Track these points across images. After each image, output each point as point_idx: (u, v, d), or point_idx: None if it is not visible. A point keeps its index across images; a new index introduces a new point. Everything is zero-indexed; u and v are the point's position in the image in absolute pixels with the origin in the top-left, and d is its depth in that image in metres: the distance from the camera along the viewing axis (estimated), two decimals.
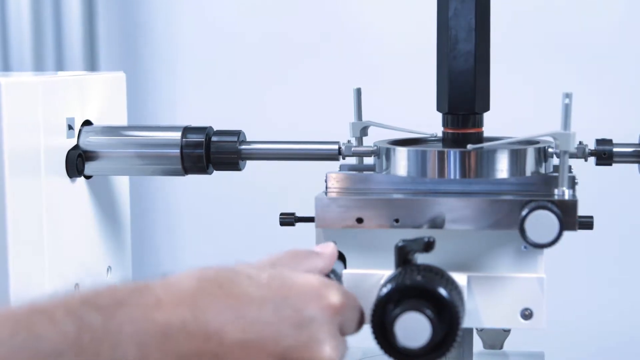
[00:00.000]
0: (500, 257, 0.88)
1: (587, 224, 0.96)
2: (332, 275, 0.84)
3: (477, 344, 1.09)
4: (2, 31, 1.99)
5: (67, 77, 1.00)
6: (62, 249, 0.97)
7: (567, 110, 0.87)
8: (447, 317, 0.78)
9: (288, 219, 0.98)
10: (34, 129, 0.93)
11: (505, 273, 0.88)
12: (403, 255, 0.82)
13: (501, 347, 1.10)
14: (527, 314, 0.87)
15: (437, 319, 0.78)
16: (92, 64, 1.97)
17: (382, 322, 0.78)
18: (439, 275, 0.81)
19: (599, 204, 1.77)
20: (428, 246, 0.83)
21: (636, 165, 0.96)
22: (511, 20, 1.82)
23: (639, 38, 1.80)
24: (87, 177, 1.02)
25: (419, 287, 0.79)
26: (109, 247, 1.08)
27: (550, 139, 0.91)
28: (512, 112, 1.68)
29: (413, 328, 0.77)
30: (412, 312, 0.77)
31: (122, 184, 1.10)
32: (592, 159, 0.97)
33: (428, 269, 0.81)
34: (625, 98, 1.80)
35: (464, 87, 0.93)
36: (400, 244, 0.82)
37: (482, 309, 0.88)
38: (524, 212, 0.84)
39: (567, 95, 0.87)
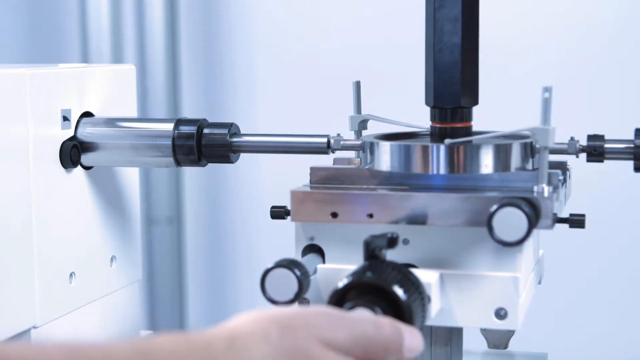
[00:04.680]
0: (477, 255, 0.86)
1: (578, 222, 0.93)
2: (298, 270, 0.83)
3: (482, 343, 1.07)
4: (82, 26, 2.03)
5: (63, 70, 1.01)
6: (54, 237, 0.99)
7: (546, 104, 0.85)
8: (402, 317, 0.77)
9: (279, 212, 0.98)
10: (21, 119, 0.94)
11: (480, 271, 0.86)
12: (369, 251, 0.81)
13: (506, 347, 1.08)
14: (501, 314, 0.85)
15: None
16: (173, 61, 2.00)
17: None
18: (402, 273, 0.80)
19: (598, 202, 1.75)
20: (392, 242, 0.82)
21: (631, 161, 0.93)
22: (507, 14, 1.79)
23: (636, 33, 1.76)
24: (87, 168, 1.04)
25: (373, 283, 0.78)
26: (114, 237, 1.09)
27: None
28: (509, 108, 1.66)
29: None
30: (362, 308, 0.76)
31: (129, 174, 1.11)
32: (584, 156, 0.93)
33: (392, 266, 0.80)
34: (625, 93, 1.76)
35: (449, 81, 0.91)
36: (366, 240, 0.81)
37: (456, 307, 0.86)
38: (492, 209, 0.81)
39: (547, 89, 0.84)
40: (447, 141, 0.88)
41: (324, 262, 0.90)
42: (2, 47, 2.16)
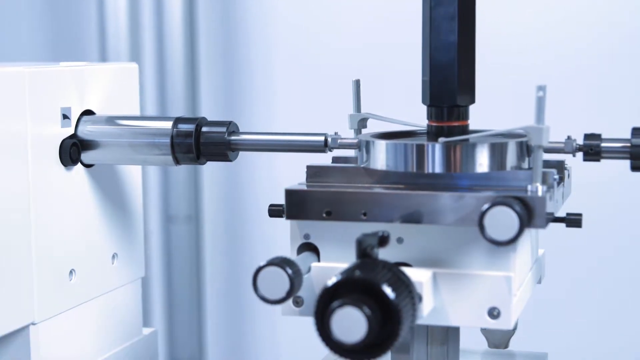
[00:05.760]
0: (471, 254, 0.86)
1: (575, 221, 0.93)
2: (289, 268, 0.83)
3: (482, 342, 1.07)
4: (101, 27, 2.04)
5: (62, 68, 1.01)
6: (54, 235, 0.99)
7: (540, 103, 0.85)
8: (390, 317, 0.77)
9: (276, 210, 0.98)
10: (20, 117, 0.95)
11: (473, 270, 0.85)
12: (361, 249, 0.81)
13: (506, 347, 1.07)
14: (494, 314, 0.85)
15: (377, 317, 0.76)
16: (192, 61, 2.00)
17: (323, 313, 0.77)
18: (392, 271, 0.80)
19: (600, 202, 1.74)
20: (382, 241, 0.82)
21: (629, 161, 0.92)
22: (505, 12, 1.79)
23: (634, 31, 1.75)
24: (88, 166, 1.04)
25: (362, 282, 0.78)
26: (115, 235, 1.09)
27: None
28: (508, 106, 1.65)
29: (349, 323, 0.76)
30: (349, 307, 0.76)
31: (132, 171, 1.12)
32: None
33: (383, 265, 0.80)
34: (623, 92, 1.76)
35: (446, 80, 0.91)
36: (358, 238, 0.81)
37: (449, 306, 0.86)
38: (483, 208, 0.81)
39: (541, 88, 0.84)
40: (441, 140, 0.88)
41: (319, 260, 0.90)
42: (22, 46, 2.17)
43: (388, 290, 0.77)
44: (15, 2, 2.15)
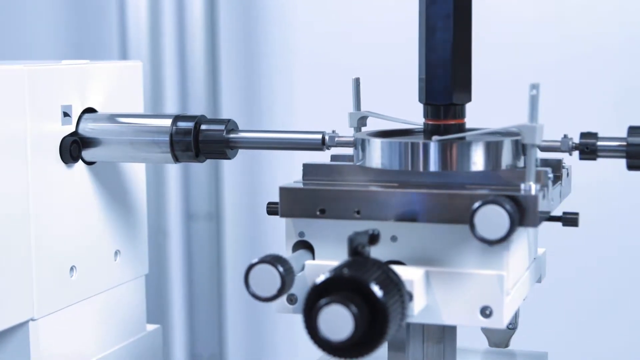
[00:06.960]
0: (464, 253, 0.86)
1: (572, 220, 0.92)
2: (281, 266, 0.83)
3: (483, 341, 1.07)
4: (122, 24, 2.04)
5: (63, 66, 1.02)
6: (54, 231, 1.00)
7: (533, 102, 0.84)
8: (377, 315, 0.77)
9: (274, 209, 0.98)
10: (19, 115, 0.95)
11: (466, 269, 0.85)
12: (352, 247, 0.81)
13: (507, 346, 1.07)
14: (487, 312, 0.85)
15: (364, 316, 0.76)
16: (212, 60, 2.01)
17: (311, 311, 0.78)
18: (381, 269, 0.80)
19: (601, 201, 1.73)
20: (372, 239, 0.82)
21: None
22: (503, 11, 1.78)
23: (632, 30, 1.74)
24: (90, 163, 1.05)
25: (350, 280, 0.78)
26: (118, 232, 1.10)
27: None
28: (507, 105, 1.64)
29: (337, 321, 0.76)
30: (336, 304, 0.76)
31: (135, 168, 1.12)
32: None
33: (373, 263, 0.80)
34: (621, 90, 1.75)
35: (441, 78, 0.91)
36: (350, 236, 0.81)
37: (441, 305, 0.86)
38: (474, 207, 0.81)
39: (534, 87, 0.84)
40: (435, 138, 0.88)
41: (314, 258, 0.90)
42: (43, 46, 2.18)
43: (376, 289, 0.77)
44: (36, 2, 2.17)
